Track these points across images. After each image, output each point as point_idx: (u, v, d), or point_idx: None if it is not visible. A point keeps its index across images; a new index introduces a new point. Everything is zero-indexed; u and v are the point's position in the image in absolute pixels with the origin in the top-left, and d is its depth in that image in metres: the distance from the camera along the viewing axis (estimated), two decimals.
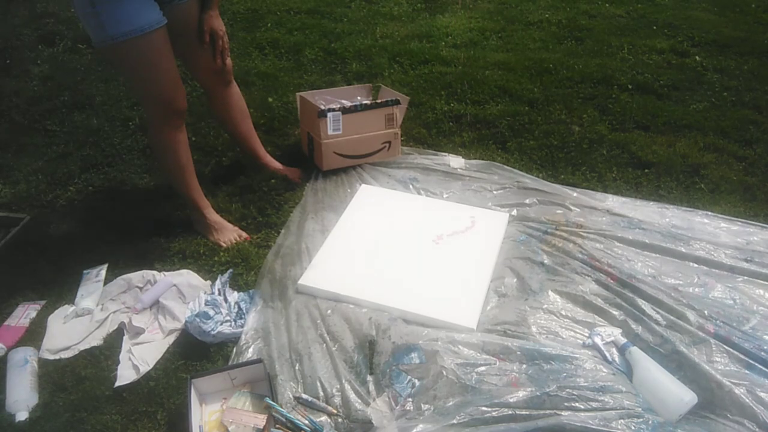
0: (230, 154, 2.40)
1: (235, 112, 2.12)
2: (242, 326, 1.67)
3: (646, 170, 2.28)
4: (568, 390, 1.37)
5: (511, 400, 1.36)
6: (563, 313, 1.65)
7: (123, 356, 1.62)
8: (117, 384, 1.55)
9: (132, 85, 2.01)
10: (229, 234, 1.99)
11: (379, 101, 2.25)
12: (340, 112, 2.17)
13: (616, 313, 1.63)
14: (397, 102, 2.24)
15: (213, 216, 2.00)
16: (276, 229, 2.04)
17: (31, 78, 3.05)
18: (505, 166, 2.25)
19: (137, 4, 1.57)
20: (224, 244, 1.96)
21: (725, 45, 3.24)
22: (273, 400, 1.44)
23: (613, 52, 3.19)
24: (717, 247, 1.84)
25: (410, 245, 1.92)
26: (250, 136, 2.22)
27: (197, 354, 1.62)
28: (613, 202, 2.08)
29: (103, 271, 1.87)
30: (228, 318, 1.66)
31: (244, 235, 2.00)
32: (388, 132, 2.28)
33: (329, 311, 1.69)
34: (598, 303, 1.66)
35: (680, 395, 1.37)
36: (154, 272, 1.84)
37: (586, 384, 1.39)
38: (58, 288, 1.85)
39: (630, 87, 2.83)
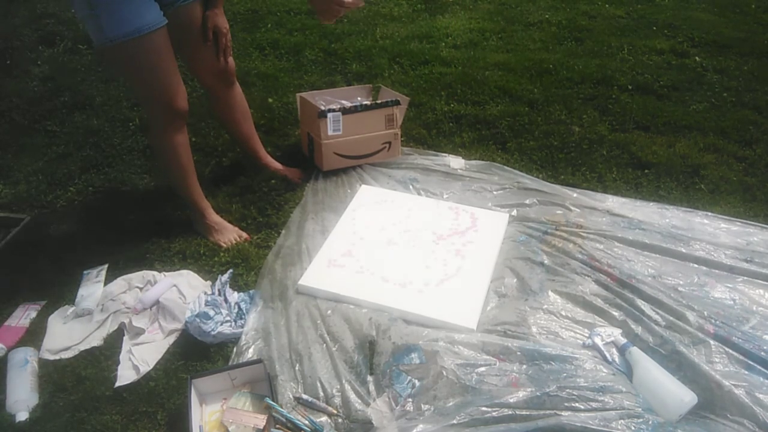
0: (230, 155, 2.40)
1: (238, 113, 2.13)
2: (242, 326, 1.67)
3: (646, 171, 2.28)
4: (568, 390, 1.37)
5: (511, 401, 1.36)
6: (563, 313, 1.65)
7: (123, 356, 1.62)
8: (117, 384, 1.55)
9: (132, 86, 2.01)
10: (229, 234, 1.99)
11: (379, 102, 2.25)
12: (340, 113, 2.17)
13: (616, 313, 1.63)
14: (397, 102, 2.24)
15: (213, 217, 2.00)
16: (276, 230, 2.04)
17: (31, 78, 3.05)
18: (505, 167, 2.25)
19: (135, 5, 1.57)
20: (224, 245, 1.96)
21: (725, 45, 3.24)
22: (273, 401, 1.44)
23: (613, 53, 3.19)
24: (717, 247, 1.84)
25: (410, 245, 1.92)
26: (251, 137, 2.22)
27: (197, 354, 1.62)
28: (613, 202, 2.08)
29: (103, 271, 1.87)
30: (228, 318, 1.66)
31: (244, 235, 2.00)
32: (388, 132, 2.28)
33: (329, 311, 1.69)
34: (598, 303, 1.66)
35: (680, 395, 1.37)
36: (154, 272, 1.84)
37: (586, 384, 1.39)
38: (59, 288, 1.85)
39: (630, 87, 2.84)
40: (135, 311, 1.73)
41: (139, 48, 1.61)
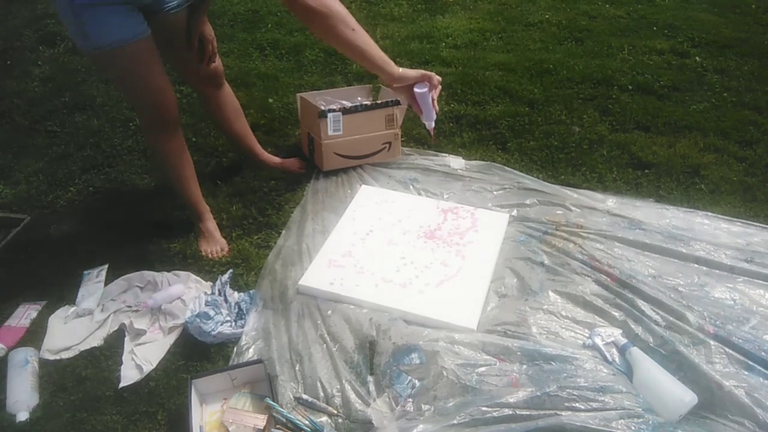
0: (230, 155, 2.40)
1: (229, 112, 2.13)
2: (242, 327, 1.67)
3: (647, 171, 2.28)
4: (568, 390, 1.37)
5: (512, 401, 1.37)
6: (563, 313, 1.65)
7: (126, 357, 1.62)
8: (122, 384, 1.55)
9: (121, 92, 2.02)
10: (214, 245, 1.97)
11: (379, 102, 2.25)
12: (340, 113, 2.17)
13: (616, 313, 1.63)
14: (397, 103, 2.24)
15: (207, 223, 1.99)
16: (276, 230, 2.04)
17: (31, 79, 3.06)
18: (506, 167, 2.25)
19: (120, 17, 1.55)
20: (203, 253, 1.95)
21: (725, 46, 3.24)
22: (273, 401, 1.44)
23: (613, 53, 3.19)
24: (717, 247, 1.84)
25: (410, 246, 1.92)
26: (245, 134, 2.23)
27: (197, 354, 1.62)
28: (613, 202, 2.08)
29: (103, 271, 1.87)
30: (228, 318, 1.66)
31: (225, 250, 1.97)
32: (389, 132, 2.28)
33: (329, 312, 1.69)
34: (598, 303, 1.66)
35: (680, 395, 1.37)
36: (154, 272, 1.85)
37: (586, 384, 1.39)
38: (59, 288, 1.85)
39: (630, 88, 2.83)
40: (145, 306, 1.73)
41: (124, 57, 1.59)
